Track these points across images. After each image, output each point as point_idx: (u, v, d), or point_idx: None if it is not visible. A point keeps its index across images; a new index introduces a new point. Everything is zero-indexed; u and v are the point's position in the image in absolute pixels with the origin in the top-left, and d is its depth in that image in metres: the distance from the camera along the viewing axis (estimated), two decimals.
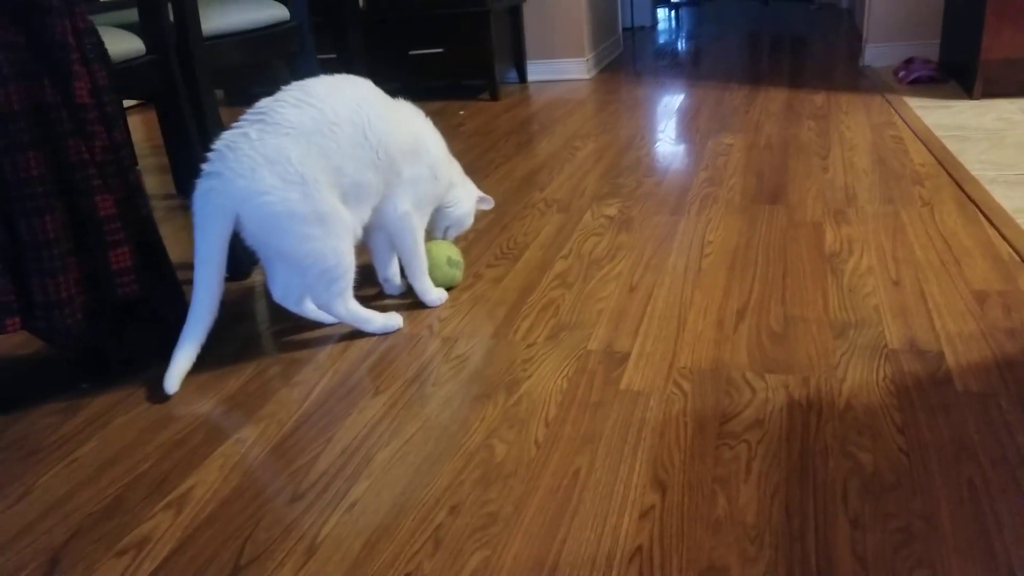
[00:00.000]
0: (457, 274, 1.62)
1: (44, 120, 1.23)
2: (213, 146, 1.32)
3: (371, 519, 0.98)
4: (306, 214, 1.31)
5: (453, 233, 1.67)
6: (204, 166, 1.31)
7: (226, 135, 1.32)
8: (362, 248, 1.50)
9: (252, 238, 1.35)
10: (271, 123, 1.30)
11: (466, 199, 1.64)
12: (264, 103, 1.34)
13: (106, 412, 1.29)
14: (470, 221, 1.67)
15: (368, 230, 1.47)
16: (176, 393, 1.32)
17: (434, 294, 1.56)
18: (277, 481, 1.07)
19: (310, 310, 1.48)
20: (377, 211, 1.46)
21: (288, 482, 1.07)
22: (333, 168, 1.33)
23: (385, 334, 1.47)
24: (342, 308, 1.42)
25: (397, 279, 1.61)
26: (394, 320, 1.48)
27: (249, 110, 1.34)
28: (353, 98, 1.38)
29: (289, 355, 1.42)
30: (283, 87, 1.37)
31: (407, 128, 1.47)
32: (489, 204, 1.70)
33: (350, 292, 1.42)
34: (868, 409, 1.10)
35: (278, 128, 1.30)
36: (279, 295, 1.45)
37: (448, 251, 1.60)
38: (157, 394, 1.32)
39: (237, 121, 1.33)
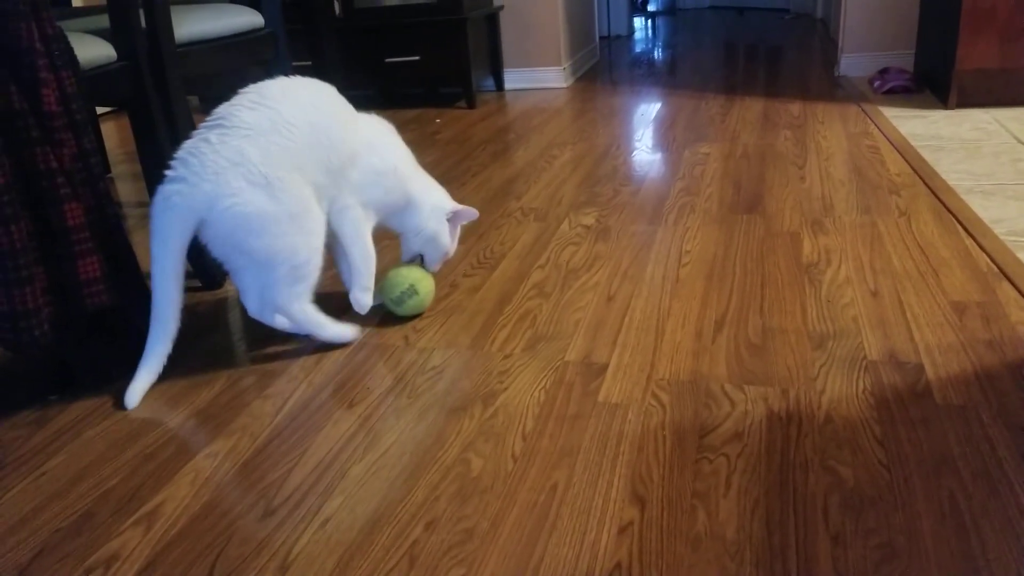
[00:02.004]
0: (413, 301, 1.50)
1: (11, 128, 1.21)
2: (175, 154, 1.30)
3: (345, 535, 0.96)
4: (275, 213, 1.29)
5: (433, 260, 1.56)
6: (167, 173, 1.29)
7: (187, 143, 1.31)
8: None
9: (220, 244, 1.32)
10: (230, 127, 1.29)
11: (430, 221, 1.52)
12: (222, 108, 1.33)
13: (75, 425, 1.26)
14: (445, 241, 1.55)
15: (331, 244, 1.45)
16: (144, 406, 1.29)
17: (365, 301, 1.49)
18: (249, 496, 1.05)
19: (285, 323, 1.45)
20: (330, 213, 1.43)
21: (260, 497, 1.05)
22: (296, 167, 1.32)
23: (340, 344, 1.45)
24: (298, 310, 1.39)
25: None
26: (348, 331, 1.45)
27: (208, 117, 1.32)
28: (308, 100, 1.37)
29: (262, 366, 1.39)
30: (240, 91, 1.36)
31: (361, 135, 1.45)
32: (471, 216, 1.58)
33: (309, 296, 1.39)
34: (848, 422, 1.09)
35: (237, 131, 1.29)
36: (254, 309, 1.41)
37: (388, 294, 1.50)
38: (124, 407, 1.29)
39: (197, 128, 1.32)
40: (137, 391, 1.31)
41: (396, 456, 1.11)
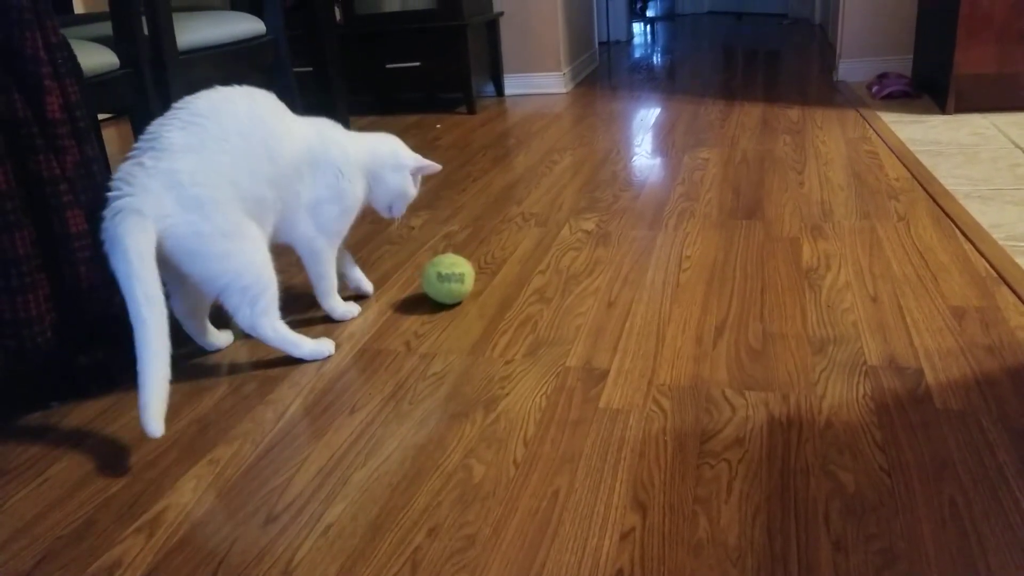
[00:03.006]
0: (455, 287, 1.55)
1: (14, 135, 1.21)
2: (110, 182, 1.26)
3: (347, 542, 0.96)
4: (210, 233, 1.27)
5: (400, 210, 1.59)
6: (108, 201, 1.23)
7: (123, 167, 1.27)
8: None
9: (168, 266, 1.28)
10: (160, 148, 1.26)
11: (395, 182, 1.55)
12: (153, 127, 1.30)
13: (76, 431, 1.26)
14: (411, 193, 1.58)
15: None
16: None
17: (341, 309, 1.56)
18: (251, 503, 1.05)
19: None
20: (283, 230, 1.44)
21: (262, 504, 1.05)
22: (229, 183, 1.29)
23: (315, 360, 1.43)
24: (269, 329, 1.37)
25: (361, 283, 1.66)
26: (325, 346, 1.44)
27: (141, 136, 1.30)
28: (240, 111, 1.34)
29: (263, 372, 1.40)
30: (172, 105, 1.33)
31: (301, 140, 1.42)
32: (434, 169, 1.60)
33: (275, 311, 1.38)
34: (848, 427, 1.09)
35: (167, 152, 1.26)
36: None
37: (437, 266, 1.56)
38: (129, 412, 1.30)
39: (132, 149, 1.30)
40: (155, 417, 1.14)
41: (398, 462, 1.11)
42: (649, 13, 8.09)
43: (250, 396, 1.32)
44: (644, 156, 2.62)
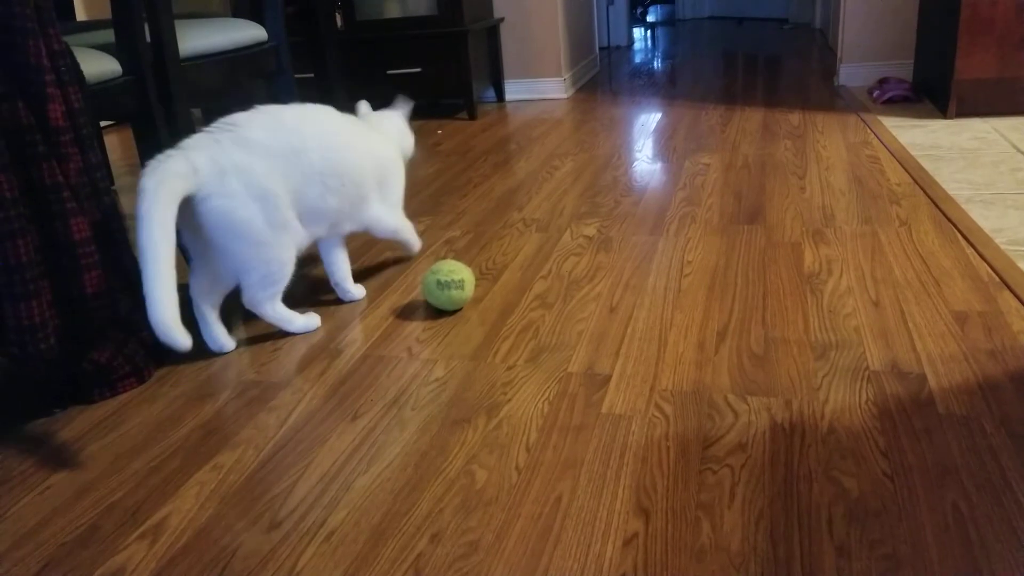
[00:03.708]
0: (455, 294, 1.55)
1: (18, 142, 1.21)
2: (181, 144, 1.36)
3: (350, 548, 0.96)
4: (261, 224, 1.40)
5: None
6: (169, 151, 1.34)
7: (195, 136, 1.38)
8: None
9: (202, 234, 1.38)
10: (242, 139, 1.38)
11: (410, 137, 1.82)
12: (238, 118, 1.41)
13: (80, 438, 1.27)
14: (410, 140, 1.82)
15: (322, 240, 1.63)
16: (148, 417, 1.29)
17: (416, 243, 1.85)
18: (254, 509, 1.05)
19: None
20: (353, 221, 1.61)
21: (265, 510, 1.05)
22: (292, 190, 1.43)
23: (303, 332, 1.56)
24: (270, 309, 1.51)
25: (350, 285, 1.70)
26: (313, 321, 1.58)
27: (221, 120, 1.41)
28: (322, 128, 1.49)
29: (266, 379, 1.40)
30: (257, 107, 1.45)
31: (370, 154, 1.60)
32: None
33: (280, 296, 1.51)
34: (851, 432, 1.09)
35: (248, 143, 1.39)
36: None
37: (437, 273, 1.56)
38: (132, 419, 1.30)
39: (208, 128, 1.40)
40: (174, 328, 1.21)
41: (400, 468, 1.11)
42: (650, 18, 8.11)
43: (252, 402, 1.33)
44: (645, 161, 2.63)
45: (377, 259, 1.92)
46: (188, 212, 1.34)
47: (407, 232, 1.80)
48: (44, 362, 1.28)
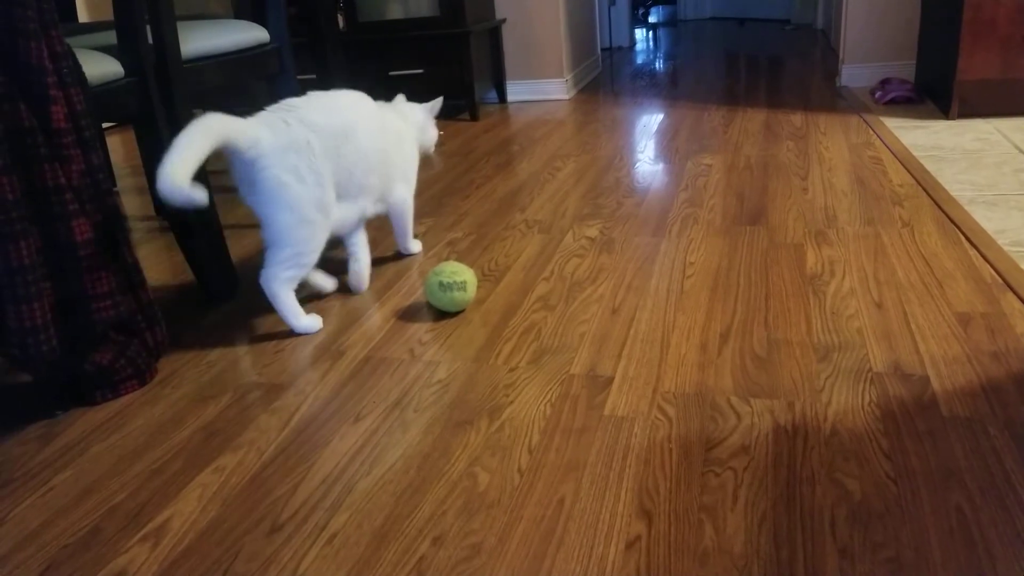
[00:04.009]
0: (457, 295, 1.56)
1: (20, 144, 1.21)
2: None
3: (352, 551, 0.96)
4: (310, 201, 1.50)
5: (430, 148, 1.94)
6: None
7: (260, 114, 1.50)
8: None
9: (253, 195, 1.49)
10: (304, 118, 1.50)
11: (433, 133, 1.94)
12: (295, 102, 1.54)
13: (82, 440, 1.27)
14: (433, 134, 1.94)
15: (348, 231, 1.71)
16: (150, 420, 1.29)
17: (416, 247, 1.97)
18: (256, 512, 1.05)
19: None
20: (382, 200, 1.74)
21: (267, 513, 1.05)
22: (341, 169, 1.56)
23: (303, 334, 1.59)
24: (283, 293, 1.54)
25: (364, 272, 1.77)
26: (316, 322, 1.60)
27: (283, 102, 1.54)
28: (361, 114, 1.62)
29: (268, 380, 1.40)
30: (309, 93, 1.59)
31: (396, 131, 1.74)
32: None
33: (295, 285, 1.56)
34: (854, 434, 1.09)
35: (310, 123, 1.50)
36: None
37: (439, 275, 1.56)
38: (134, 421, 1.30)
39: (268, 109, 1.52)
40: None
41: (402, 470, 1.11)
42: (651, 19, 8.11)
43: (255, 404, 1.32)
44: (647, 162, 2.63)
45: (379, 261, 1.92)
46: (249, 182, 1.47)
47: (411, 212, 1.89)
48: (46, 364, 1.28)
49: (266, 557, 0.97)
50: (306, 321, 1.58)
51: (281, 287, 1.53)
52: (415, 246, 1.97)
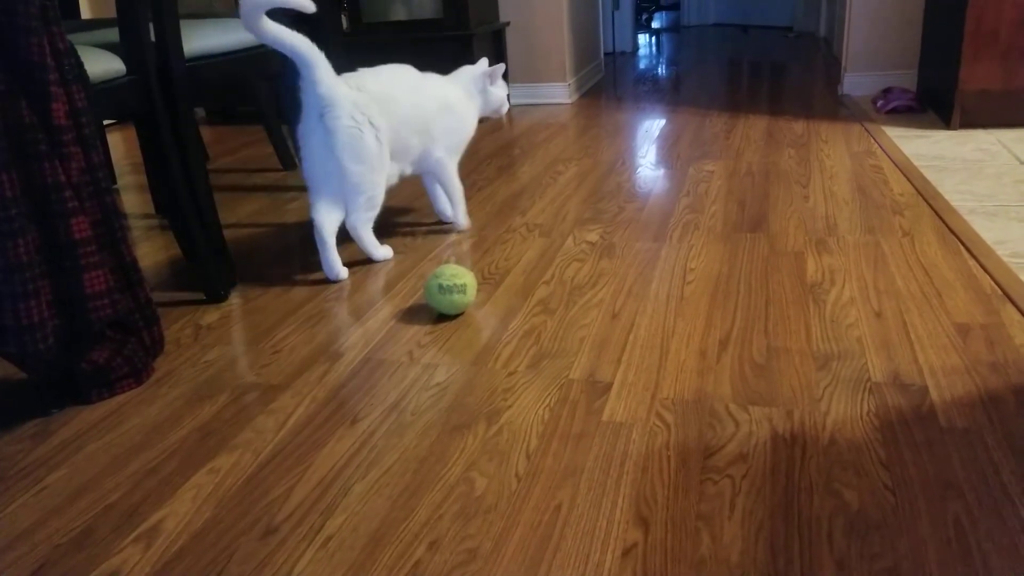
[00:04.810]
0: (457, 298, 1.55)
1: (20, 141, 1.21)
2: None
3: (347, 555, 0.96)
4: (374, 151, 1.78)
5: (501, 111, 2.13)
6: None
7: (341, 88, 1.75)
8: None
9: (331, 156, 1.75)
10: (361, 85, 1.78)
11: (497, 93, 2.08)
12: (351, 74, 1.81)
13: (77, 438, 1.26)
14: (503, 105, 2.12)
15: (423, 177, 2.08)
16: (146, 419, 1.29)
17: (463, 222, 2.13)
18: (251, 514, 1.05)
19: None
20: (421, 163, 1.97)
21: (262, 515, 1.04)
22: (391, 128, 1.82)
23: (383, 261, 1.93)
24: (365, 232, 1.87)
25: (448, 211, 2.14)
26: (390, 252, 1.95)
27: (349, 75, 1.80)
28: (408, 81, 1.89)
29: (266, 381, 1.39)
30: (361, 69, 1.84)
31: (438, 98, 1.94)
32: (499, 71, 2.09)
33: (372, 222, 1.87)
34: (852, 444, 1.09)
35: (367, 89, 1.79)
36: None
37: (439, 278, 1.55)
38: (129, 420, 1.29)
39: (345, 75, 1.79)
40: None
41: (399, 474, 1.11)
42: (655, 24, 8.11)
43: (251, 405, 1.32)
44: (649, 168, 2.62)
45: (380, 264, 1.92)
46: (321, 134, 1.74)
47: (455, 183, 2.07)
48: (42, 362, 1.28)
49: (260, 560, 0.96)
50: (382, 251, 1.92)
51: (364, 227, 1.86)
52: (463, 219, 2.13)
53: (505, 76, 2.03)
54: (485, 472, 1.09)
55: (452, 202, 2.10)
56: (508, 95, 2.03)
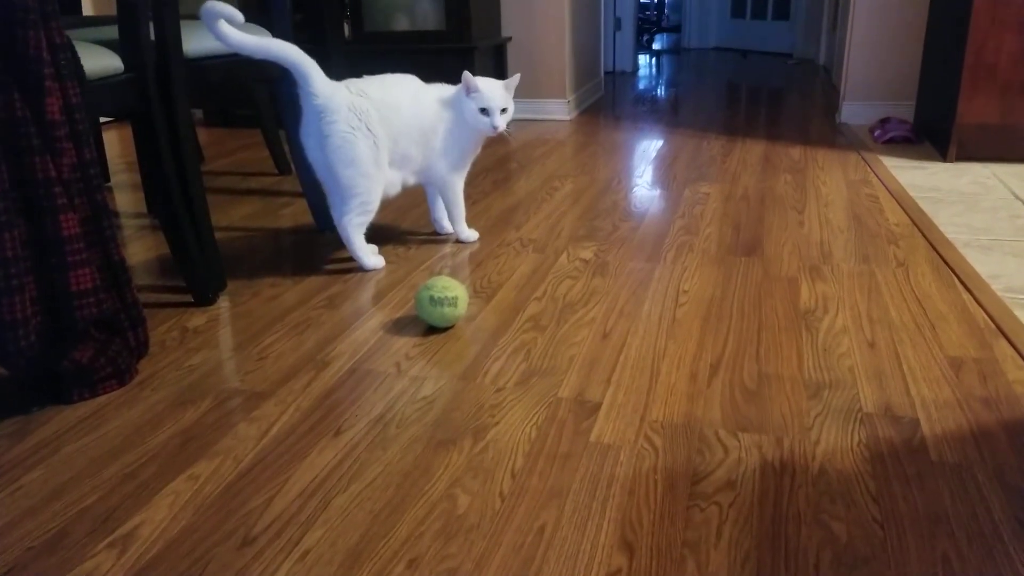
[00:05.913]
0: (448, 311, 1.54)
1: (11, 135, 1.19)
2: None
3: (324, 570, 0.94)
4: (367, 157, 1.80)
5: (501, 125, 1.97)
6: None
7: (343, 93, 1.80)
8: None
9: (323, 153, 1.80)
10: (364, 91, 1.82)
11: (469, 106, 1.94)
12: (355, 80, 1.85)
13: (55, 439, 1.24)
14: (479, 121, 1.95)
15: (423, 185, 2.06)
16: (127, 422, 1.27)
17: (467, 233, 2.12)
18: (228, 523, 1.03)
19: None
20: (424, 175, 1.98)
21: (240, 525, 1.02)
22: (390, 136, 1.84)
23: (373, 270, 1.91)
24: (355, 236, 1.88)
25: (444, 221, 2.14)
26: (380, 261, 1.94)
27: (352, 80, 1.85)
28: (409, 91, 1.90)
29: (250, 388, 1.37)
30: (366, 76, 1.89)
31: (437, 110, 1.92)
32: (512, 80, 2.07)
33: (363, 228, 1.89)
34: (842, 475, 1.07)
35: (368, 95, 1.82)
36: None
37: (430, 289, 1.54)
38: (110, 422, 1.27)
39: (348, 81, 1.84)
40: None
41: (381, 488, 1.09)
42: (655, 46, 8.14)
43: (234, 412, 1.30)
44: (645, 187, 2.62)
45: (369, 272, 1.90)
46: (318, 135, 1.78)
47: (458, 201, 2.06)
48: (24, 359, 1.26)
49: (235, 571, 0.94)
50: (373, 260, 1.92)
51: (355, 231, 1.87)
52: (467, 233, 2.11)
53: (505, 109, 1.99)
54: (469, 489, 1.07)
55: (452, 219, 2.09)
56: (503, 114, 1.97)
